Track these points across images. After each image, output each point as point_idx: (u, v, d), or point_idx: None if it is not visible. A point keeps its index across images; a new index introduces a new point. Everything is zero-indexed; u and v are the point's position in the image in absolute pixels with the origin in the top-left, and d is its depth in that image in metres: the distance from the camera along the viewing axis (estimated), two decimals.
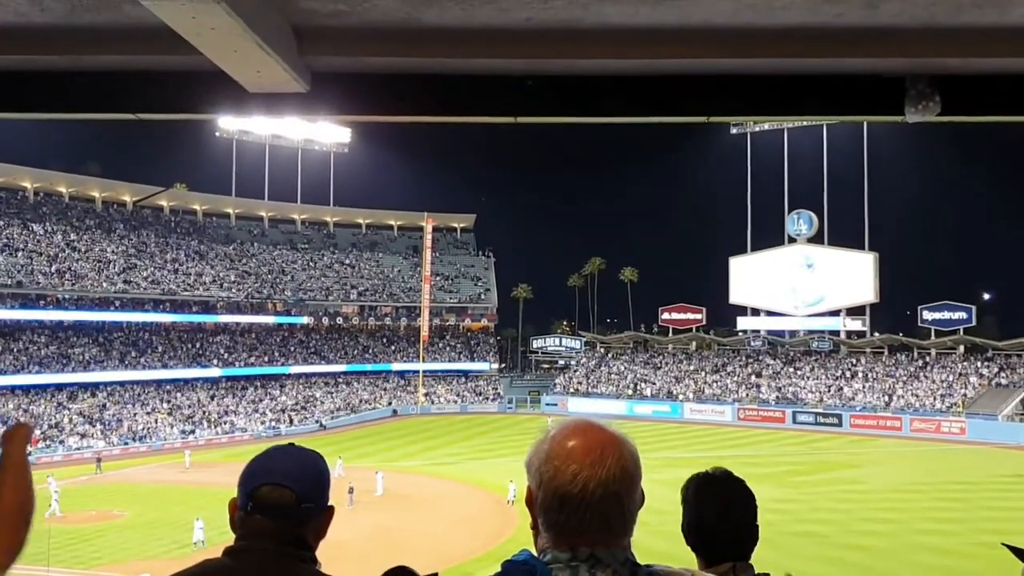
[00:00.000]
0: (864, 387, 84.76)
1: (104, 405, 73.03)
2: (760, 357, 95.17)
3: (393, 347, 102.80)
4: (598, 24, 2.91)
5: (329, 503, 2.31)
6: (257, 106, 3.30)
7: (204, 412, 77.77)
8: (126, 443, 67.75)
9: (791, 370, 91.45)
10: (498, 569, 1.82)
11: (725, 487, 3.01)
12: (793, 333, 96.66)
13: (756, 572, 2.93)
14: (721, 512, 2.94)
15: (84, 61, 3.21)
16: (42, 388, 71.78)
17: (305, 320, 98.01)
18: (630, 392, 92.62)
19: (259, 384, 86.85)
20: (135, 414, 73.43)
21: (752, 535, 3.00)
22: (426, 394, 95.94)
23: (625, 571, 1.81)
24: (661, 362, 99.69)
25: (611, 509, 1.81)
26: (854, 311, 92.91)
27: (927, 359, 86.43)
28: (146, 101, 3.38)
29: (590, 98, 3.27)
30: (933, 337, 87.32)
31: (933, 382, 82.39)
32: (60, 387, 72.96)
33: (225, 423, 76.79)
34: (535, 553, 1.87)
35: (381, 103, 3.37)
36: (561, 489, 1.81)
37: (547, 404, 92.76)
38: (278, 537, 2.17)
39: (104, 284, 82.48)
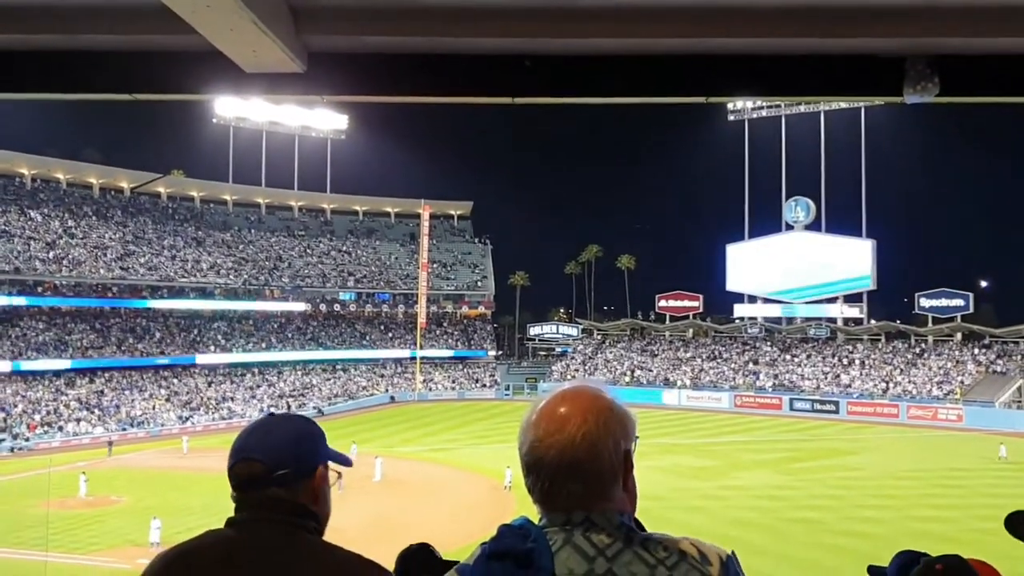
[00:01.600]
0: (861, 374, 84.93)
1: (102, 391, 73.07)
2: (757, 344, 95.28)
3: (390, 334, 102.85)
4: (597, 3, 2.89)
5: (319, 464, 2.29)
6: (254, 86, 3.28)
7: (202, 398, 77.86)
8: (124, 429, 67.74)
9: (788, 357, 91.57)
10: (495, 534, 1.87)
11: None
12: (790, 320, 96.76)
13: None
14: None
15: (80, 40, 3.19)
16: (40, 374, 71.77)
17: (302, 307, 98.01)
18: (627, 379, 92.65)
19: (257, 370, 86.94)
20: (133, 400, 73.48)
21: None
22: (423, 381, 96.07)
23: (620, 534, 1.83)
24: (658, 349, 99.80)
25: (569, 475, 1.84)
26: (851, 298, 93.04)
27: (924, 346, 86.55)
28: (142, 81, 3.36)
29: (589, 78, 3.24)
30: (930, 324, 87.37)
31: (930, 369, 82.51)
32: (58, 373, 72.94)
33: (223, 409, 76.88)
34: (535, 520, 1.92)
35: (378, 83, 3.35)
36: (527, 456, 1.90)
37: (543, 391, 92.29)
38: (270, 507, 2.18)
39: (102, 270, 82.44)
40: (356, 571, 2.14)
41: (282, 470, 2.21)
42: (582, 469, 1.84)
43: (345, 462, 2.40)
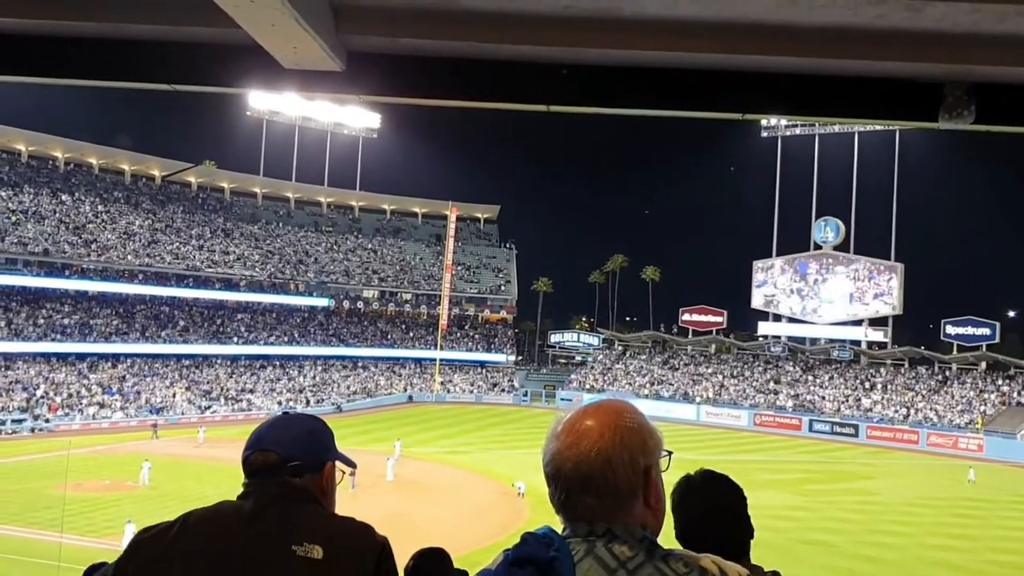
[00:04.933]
0: (883, 399, 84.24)
1: (124, 377, 73.58)
2: (779, 363, 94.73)
3: (411, 334, 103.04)
4: (636, 14, 2.89)
5: (329, 462, 2.48)
6: (291, 83, 3.31)
7: (222, 389, 78.25)
8: (146, 415, 68.17)
9: (810, 378, 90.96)
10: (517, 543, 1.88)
11: (706, 490, 3.01)
12: (814, 341, 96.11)
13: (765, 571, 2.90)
14: (708, 515, 2.95)
15: (123, 29, 3.23)
16: (63, 356, 72.39)
17: (326, 302, 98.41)
18: (646, 392, 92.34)
19: (278, 363, 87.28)
20: (154, 387, 73.97)
21: (744, 532, 2.99)
22: (442, 382, 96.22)
23: (641, 548, 1.84)
24: (679, 363, 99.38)
25: (583, 489, 1.87)
26: (877, 322, 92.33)
27: (948, 374, 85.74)
28: (183, 72, 3.39)
29: (625, 89, 3.25)
30: (955, 352, 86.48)
31: (952, 397, 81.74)
32: (81, 356, 73.55)
33: (242, 401, 77.24)
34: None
35: (414, 85, 3.37)
36: (547, 467, 1.93)
37: (562, 399, 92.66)
38: (281, 489, 2.37)
39: (129, 257, 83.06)
40: (355, 530, 2.36)
41: (295, 461, 2.39)
42: (595, 483, 1.86)
43: (350, 464, 2.56)
